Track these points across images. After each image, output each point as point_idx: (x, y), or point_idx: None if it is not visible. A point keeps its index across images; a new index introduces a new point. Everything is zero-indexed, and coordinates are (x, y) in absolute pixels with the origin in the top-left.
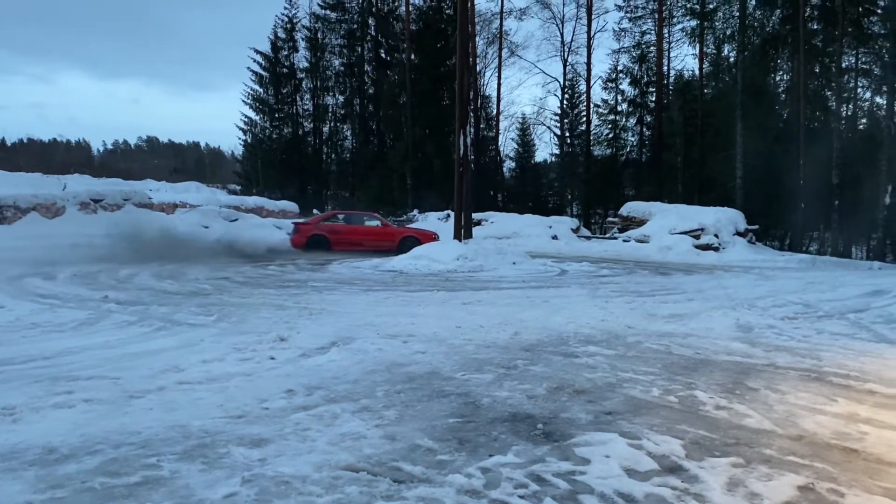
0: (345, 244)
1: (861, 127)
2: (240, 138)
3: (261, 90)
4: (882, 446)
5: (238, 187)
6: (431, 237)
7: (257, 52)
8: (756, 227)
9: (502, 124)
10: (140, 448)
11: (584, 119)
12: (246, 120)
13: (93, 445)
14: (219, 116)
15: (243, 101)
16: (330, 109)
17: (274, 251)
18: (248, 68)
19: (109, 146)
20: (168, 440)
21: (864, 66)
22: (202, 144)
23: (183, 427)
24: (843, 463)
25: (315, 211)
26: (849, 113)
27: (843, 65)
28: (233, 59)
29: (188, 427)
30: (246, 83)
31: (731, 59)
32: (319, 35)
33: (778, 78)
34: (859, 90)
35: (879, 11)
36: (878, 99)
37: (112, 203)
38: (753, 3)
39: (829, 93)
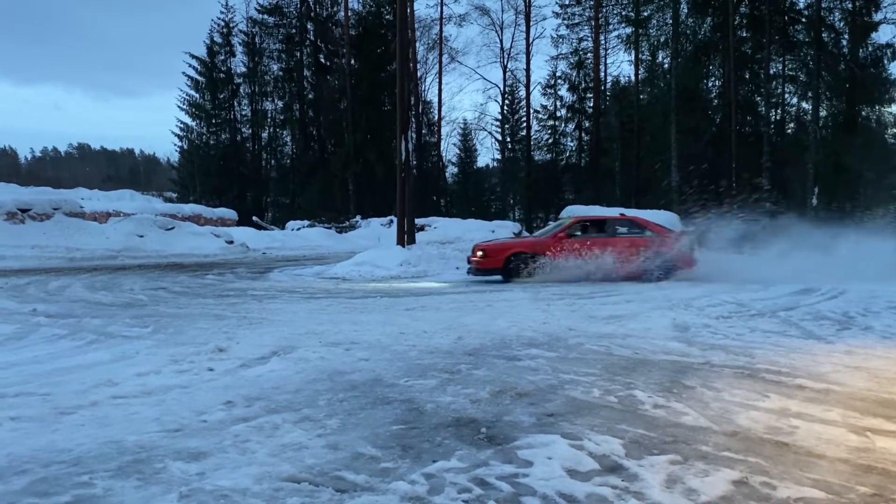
0: None
1: (789, 131)
2: (176, 145)
3: (197, 96)
4: (811, 439)
5: (174, 195)
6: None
7: (193, 56)
8: (692, 228)
9: (444, 130)
10: (71, 466)
11: (525, 124)
12: (182, 126)
13: (20, 465)
14: (153, 122)
15: (179, 106)
16: (269, 115)
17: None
18: (184, 73)
19: (38, 154)
20: (101, 457)
21: (791, 73)
22: (137, 151)
23: (117, 443)
24: (776, 456)
25: (255, 219)
26: (777, 118)
27: (771, 71)
28: (156, 65)
29: (123, 443)
30: (181, 88)
31: (666, 66)
32: (257, 40)
33: (710, 84)
34: (787, 96)
35: (804, 20)
36: (804, 104)
37: (41, 212)
38: (686, 11)
39: (758, 98)
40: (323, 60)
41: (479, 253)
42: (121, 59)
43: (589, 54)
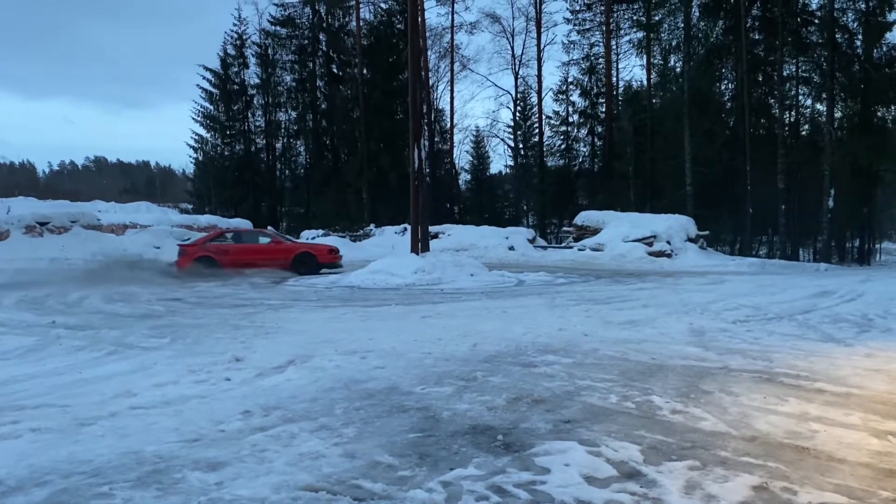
0: (236, 264)
1: (804, 133)
2: (191, 156)
3: (211, 107)
4: (832, 443)
5: (190, 206)
6: (326, 251)
7: (207, 69)
8: (707, 232)
9: (456, 137)
10: (91, 477)
11: (537, 131)
12: (196, 138)
13: (41, 476)
14: (167, 135)
15: (193, 118)
16: (282, 125)
17: None
18: (198, 85)
19: (55, 167)
20: (121, 467)
21: (805, 75)
22: (152, 163)
23: (136, 453)
24: (796, 461)
25: (270, 228)
26: (791, 120)
27: (785, 73)
28: (163, 77)
29: (142, 453)
30: (195, 100)
31: (678, 70)
32: (270, 51)
33: (723, 87)
34: (801, 98)
35: (817, 21)
36: (818, 106)
37: (59, 225)
38: (697, 14)
39: (772, 100)
40: (335, 70)
41: None
42: (127, 72)
43: (600, 59)
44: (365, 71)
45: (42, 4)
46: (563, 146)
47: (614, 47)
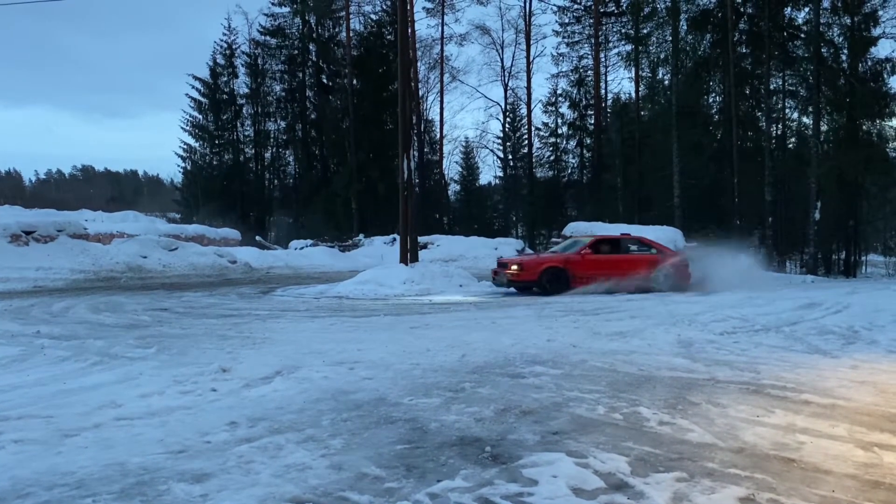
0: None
1: (790, 146)
2: (179, 165)
3: (200, 117)
4: (818, 455)
5: (178, 215)
6: None
7: (195, 78)
8: (694, 244)
9: (446, 148)
10: (74, 489)
11: (526, 142)
12: (185, 147)
13: (23, 488)
14: (154, 144)
15: (182, 127)
16: (272, 135)
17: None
18: (187, 94)
19: (42, 176)
20: (104, 479)
21: (791, 88)
22: (140, 172)
23: (120, 465)
24: (782, 473)
25: (258, 238)
26: (778, 133)
27: (772, 87)
28: (144, 85)
29: (126, 464)
30: (184, 110)
31: (666, 82)
32: (259, 61)
33: (711, 100)
34: (787, 111)
35: (803, 36)
36: (804, 119)
37: (45, 234)
38: (685, 28)
39: (759, 114)
40: (325, 80)
41: (514, 267)
42: (106, 81)
43: (589, 72)
44: (354, 81)
45: (20, 12)
46: (552, 157)
47: (603, 60)
